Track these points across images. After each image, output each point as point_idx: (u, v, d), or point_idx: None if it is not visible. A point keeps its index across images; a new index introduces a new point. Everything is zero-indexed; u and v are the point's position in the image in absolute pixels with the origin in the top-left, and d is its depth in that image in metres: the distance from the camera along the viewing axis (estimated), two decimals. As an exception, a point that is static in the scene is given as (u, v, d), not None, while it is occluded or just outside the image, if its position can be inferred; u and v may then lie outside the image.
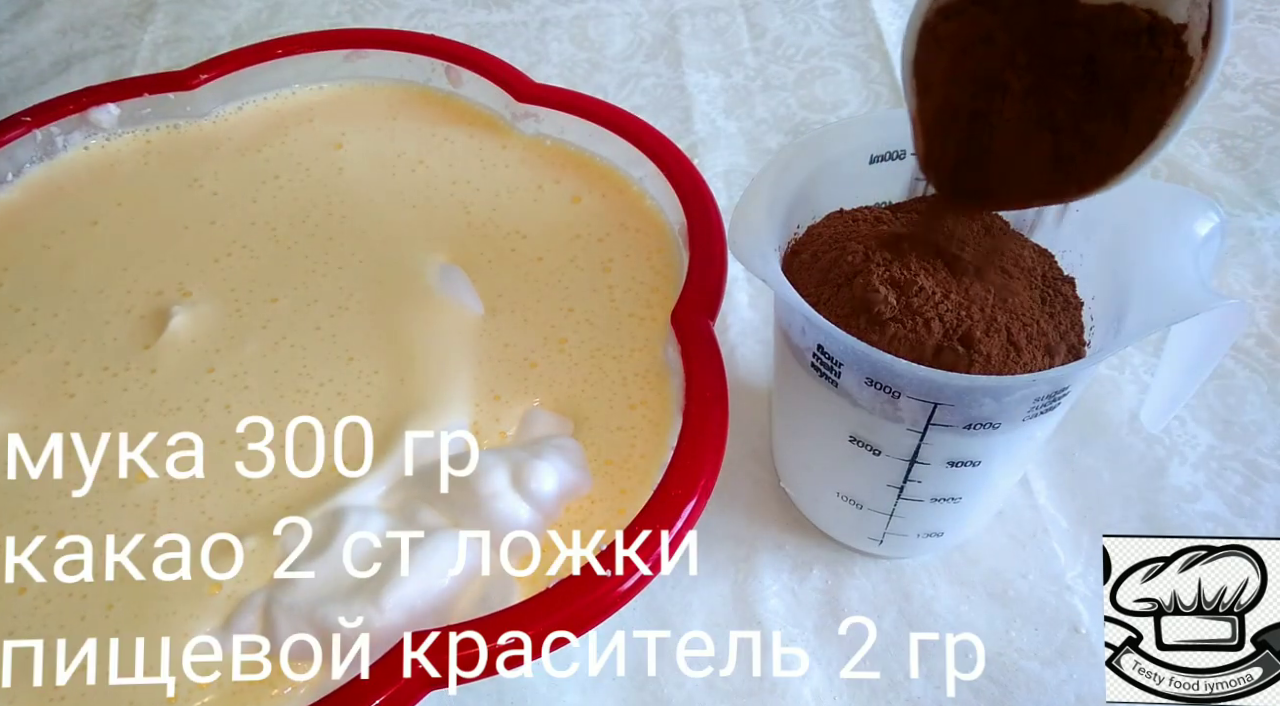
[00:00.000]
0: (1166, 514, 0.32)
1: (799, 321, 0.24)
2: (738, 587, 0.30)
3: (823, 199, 0.27)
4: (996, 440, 0.24)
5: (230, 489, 0.27)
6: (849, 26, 0.49)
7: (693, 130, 0.44)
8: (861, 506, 0.28)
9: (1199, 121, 0.44)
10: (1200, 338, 0.25)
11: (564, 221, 0.33)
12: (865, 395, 0.24)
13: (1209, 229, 0.24)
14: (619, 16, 0.50)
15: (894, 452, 0.25)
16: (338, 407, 0.28)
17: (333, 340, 0.30)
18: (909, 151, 0.27)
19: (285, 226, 0.33)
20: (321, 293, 0.31)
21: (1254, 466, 0.32)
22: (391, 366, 0.29)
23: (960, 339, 0.23)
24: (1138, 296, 0.24)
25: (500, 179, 0.34)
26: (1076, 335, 0.25)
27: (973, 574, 0.30)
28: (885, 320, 0.24)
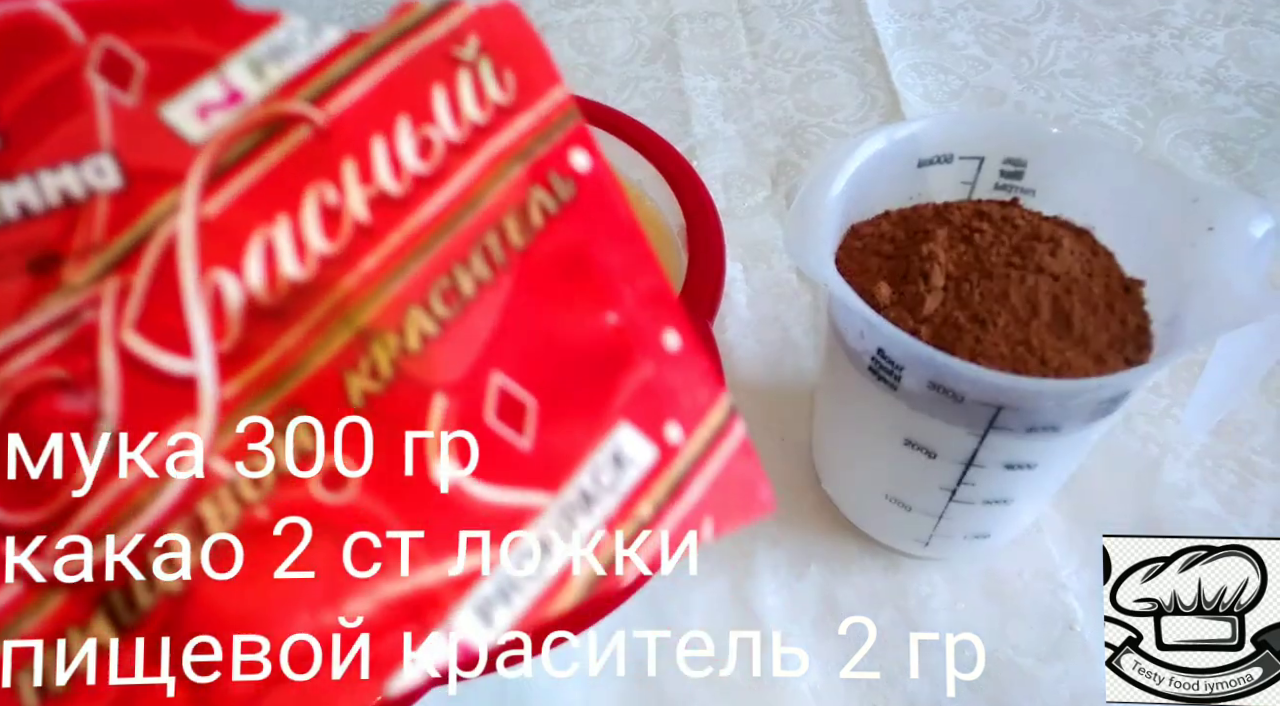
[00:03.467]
0: (1161, 512, 0.32)
1: (858, 325, 0.24)
2: (735, 584, 0.30)
3: (871, 200, 0.27)
4: (1056, 443, 0.24)
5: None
6: (845, 30, 0.49)
7: (691, 133, 0.44)
8: (910, 509, 0.28)
9: (1191, 124, 0.44)
10: (1253, 342, 0.25)
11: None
12: (926, 398, 0.24)
13: (1265, 231, 0.24)
14: (618, 21, 0.50)
15: (951, 456, 0.25)
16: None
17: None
18: (957, 155, 0.27)
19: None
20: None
21: (1247, 465, 0.33)
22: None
23: (1028, 342, 0.23)
24: (1197, 299, 0.23)
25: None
26: (1142, 337, 0.25)
27: (968, 571, 0.31)
28: (950, 323, 0.24)
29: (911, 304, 0.24)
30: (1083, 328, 0.24)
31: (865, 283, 0.25)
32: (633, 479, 0.17)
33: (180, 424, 0.15)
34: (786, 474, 0.33)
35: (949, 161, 0.28)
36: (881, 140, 0.27)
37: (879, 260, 0.26)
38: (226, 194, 0.15)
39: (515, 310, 0.17)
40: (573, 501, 0.17)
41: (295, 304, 0.15)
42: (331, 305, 0.16)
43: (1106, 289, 0.25)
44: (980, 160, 0.28)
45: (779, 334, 0.37)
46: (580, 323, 0.17)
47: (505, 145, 0.17)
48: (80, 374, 0.15)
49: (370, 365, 0.16)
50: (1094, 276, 0.25)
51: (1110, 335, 0.24)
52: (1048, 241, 0.25)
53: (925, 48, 0.48)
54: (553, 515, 0.16)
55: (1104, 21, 0.49)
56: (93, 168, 0.15)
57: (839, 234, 0.27)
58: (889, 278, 0.25)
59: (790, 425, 0.34)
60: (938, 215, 0.27)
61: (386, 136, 0.16)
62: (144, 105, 0.15)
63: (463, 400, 0.16)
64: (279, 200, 0.15)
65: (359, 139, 0.16)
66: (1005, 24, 0.50)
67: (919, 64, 0.48)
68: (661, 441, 0.17)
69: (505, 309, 0.17)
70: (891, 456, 0.26)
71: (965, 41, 0.49)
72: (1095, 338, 0.24)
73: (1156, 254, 0.25)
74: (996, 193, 0.28)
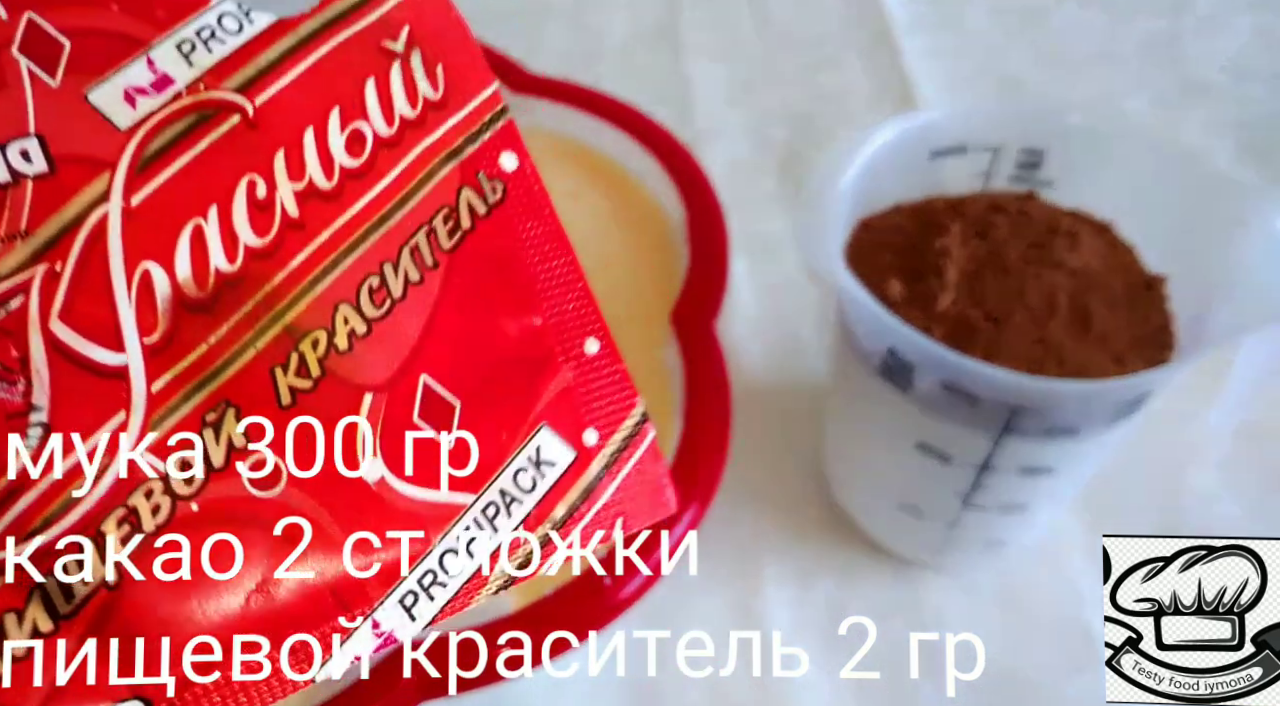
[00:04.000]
0: (1184, 518, 0.31)
1: (868, 323, 0.24)
2: (741, 595, 0.30)
3: (882, 193, 0.27)
4: (1074, 447, 0.24)
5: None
6: (856, 14, 0.49)
7: (694, 122, 0.44)
8: (923, 516, 0.27)
9: (1217, 115, 0.43)
10: None
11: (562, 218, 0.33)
12: (940, 400, 0.24)
13: None
14: (618, 4, 0.50)
15: (965, 460, 0.25)
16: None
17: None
18: (972, 146, 0.27)
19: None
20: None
21: (1274, 469, 0.32)
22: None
23: (1046, 341, 0.23)
24: (1223, 297, 0.23)
25: (496, 173, 0.34)
26: (1165, 336, 0.25)
27: (983, 581, 0.30)
28: (965, 322, 0.23)
29: (924, 301, 0.24)
30: (1102, 326, 0.24)
31: (876, 279, 0.25)
32: (550, 481, 0.18)
33: (112, 418, 0.15)
34: (794, 480, 0.32)
35: (963, 152, 0.27)
36: (893, 130, 0.27)
37: (890, 255, 0.26)
38: (155, 183, 0.15)
39: (443, 312, 0.17)
40: (493, 501, 0.18)
41: (225, 298, 0.16)
42: (261, 300, 0.16)
43: (1127, 286, 0.25)
44: (996, 151, 0.28)
45: (786, 333, 0.36)
46: (506, 326, 0.18)
47: (435, 142, 0.18)
48: (10, 363, 0.15)
49: (299, 362, 0.16)
50: (1114, 273, 0.25)
51: (1131, 334, 0.24)
52: (1066, 236, 0.25)
53: (939, 32, 0.48)
54: (474, 514, 0.17)
55: (1126, 4, 0.49)
56: (18, 151, 0.15)
57: (848, 228, 0.27)
58: (900, 274, 0.25)
59: (798, 428, 0.33)
60: (951, 209, 0.26)
61: (317, 129, 0.17)
62: (70, 87, 0.15)
63: (391, 400, 0.17)
64: (209, 191, 0.16)
65: (290, 130, 0.16)
66: (1023, 7, 0.49)
67: (933, 49, 0.47)
68: (579, 445, 0.18)
69: (434, 310, 0.17)
70: (903, 461, 0.26)
71: (981, 26, 0.48)
72: (1115, 336, 0.24)
73: (1181, 249, 0.25)
74: (1013, 185, 0.28)
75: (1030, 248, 0.25)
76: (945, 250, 0.25)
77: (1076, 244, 0.25)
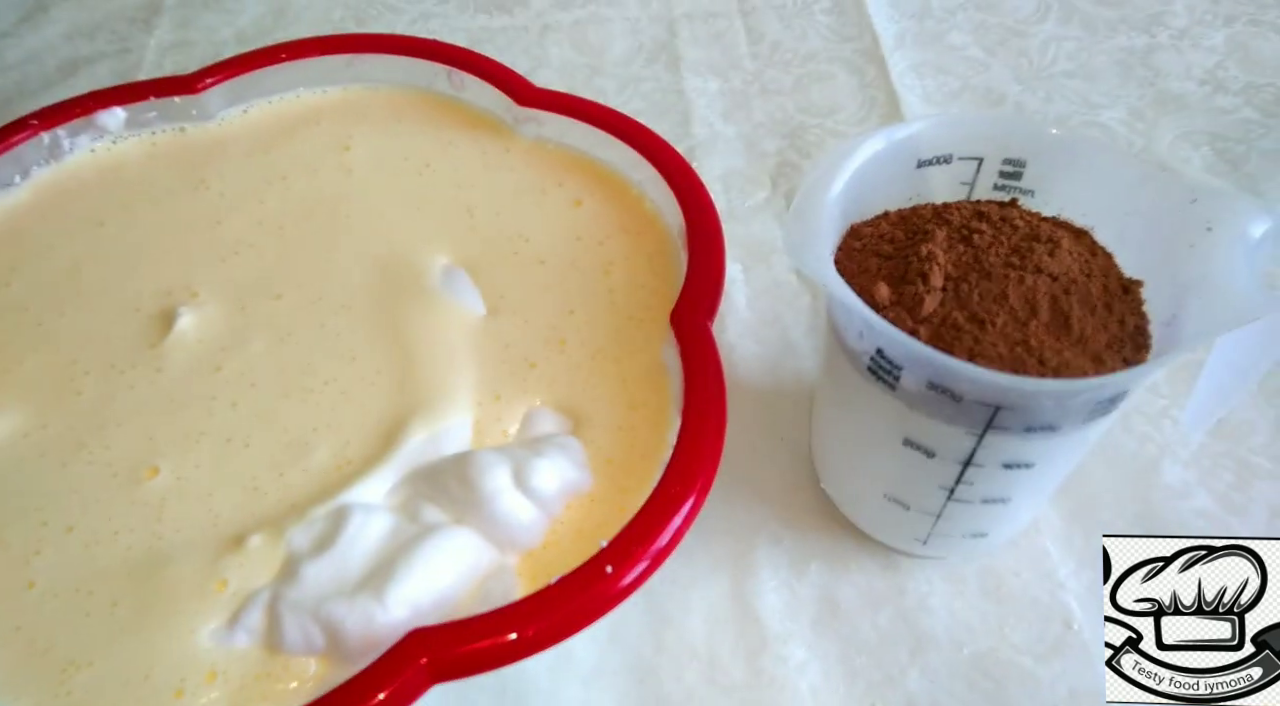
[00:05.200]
0: (1159, 512, 0.32)
1: (857, 325, 0.24)
2: (736, 583, 0.30)
3: (871, 201, 0.27)
4: (1054, 443, 0.24)
5: (237, 486, 0.27)
6: (845, 31, 0.49)
7: (691, 134, 0.45)
8: (909, 508, 0.28)
9: (1191, 125, 0.44)
10: (1252, 342, 0.25)
11: (565, 224, 0.34)
12: (925, 398, 0.24)
13: (1263, 231, 0.24)
14: (618, 22, 0.50)
15: (949, 455, 0.25)
16: (342, 406, 0.29)
17: (337, 339, 0.30)
18: (956, 156, 0.27)
19: (292, 226, 0.34)
20: (326, 291, 0.32)
21: (1245, 464, 0.33)
22: (395, 365, 0.29)
23: (1027, 342, 0.23)
24: (1195, 300, 0.23)
25: (503, 182, 0.35)
26: (1140, 337, 0.25)
27: (966, 571, 0.31)
28: (949, 324, 0.24)
29: (910, 304, 0.25)
30: (1081, 328, 0.24)
31: (864, 283, 0.25)
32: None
33: None
34: (786, 473, 0.33)
35: (948, 162, 0.28)
36: (881, 141, 0.27)
37: (878, 260, 0.26)
38: None
39: None
40: None
41: None
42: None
43: (1105, 289, 0.25)
44: (979, 161, 0.28)
45: (779, 334, 0.37)
46: None
47: None
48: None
49: None
50: (1092, 277, 0.25)
51: (1109, 335, 0.24)
52: (1046, 242, 0.25)
53: (925, 49, 0.49)
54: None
55: (1104, 22, 0.49)
56: None
57: (838, 234, 0.27)
58: (888, 278, 0.25)
59: (790, 425, 0.34)
60: (937, 216, 0.27)
61: None
62: None
63: None
64: None
65: None
66: (1005, 25, 0.50)
67: (919, 65, 0.48)
68: None
69: None
70: (890, 456, 0.26)
71: (965, 42, 0.49)
72: (1093, 338, 0.24)
73: (1155, 254, 0.25)
74: (995, 193, 0.28)
75: (1012, 253, 0.25)
76: (931, 255, 0.25)
77: (1056, 249, 0.25)
